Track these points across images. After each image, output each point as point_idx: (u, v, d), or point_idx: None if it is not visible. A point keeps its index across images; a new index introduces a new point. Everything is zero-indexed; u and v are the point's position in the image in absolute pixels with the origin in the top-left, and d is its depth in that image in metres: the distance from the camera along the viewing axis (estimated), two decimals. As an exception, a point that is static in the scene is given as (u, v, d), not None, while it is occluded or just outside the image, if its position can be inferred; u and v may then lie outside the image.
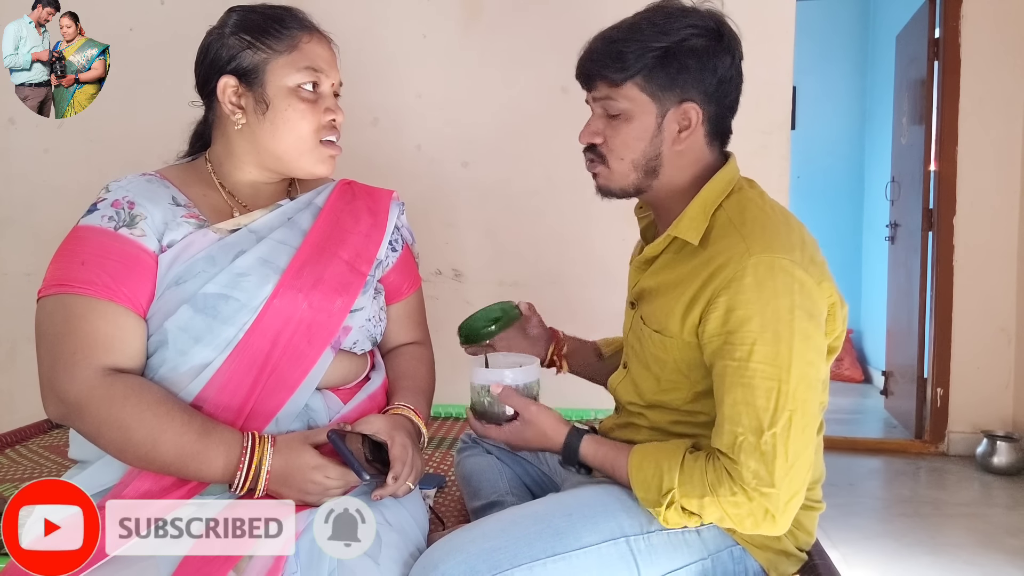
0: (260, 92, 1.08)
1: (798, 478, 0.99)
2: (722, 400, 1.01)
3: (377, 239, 1.19)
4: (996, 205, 3.41)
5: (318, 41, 1.12)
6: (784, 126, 2.14)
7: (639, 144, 1.07)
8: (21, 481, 1.49)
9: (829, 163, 5.24)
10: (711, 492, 0.99)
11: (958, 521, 2.75)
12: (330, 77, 1.12)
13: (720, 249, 1.02)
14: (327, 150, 1.13)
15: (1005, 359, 3.43)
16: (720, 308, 0.99)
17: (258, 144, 1.10)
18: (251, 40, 1.08)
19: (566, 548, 1.00)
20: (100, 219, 1.04)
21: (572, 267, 2.29)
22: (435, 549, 1.00)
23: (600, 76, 1.07)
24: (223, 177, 1.14)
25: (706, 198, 1.07)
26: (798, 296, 0.98)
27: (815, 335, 1.00)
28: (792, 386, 0.97)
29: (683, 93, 1.05)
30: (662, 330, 1.08)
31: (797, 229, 1.06)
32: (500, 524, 1.04)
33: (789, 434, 0.97)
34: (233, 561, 0.93)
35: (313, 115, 1.10)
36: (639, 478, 1.04)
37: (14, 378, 2.52)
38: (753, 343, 0.97)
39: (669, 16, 1.05)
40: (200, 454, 0.97)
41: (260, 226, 1.11)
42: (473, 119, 2.30)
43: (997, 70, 3.36)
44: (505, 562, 0.97)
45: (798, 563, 1.12)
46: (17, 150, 2.44)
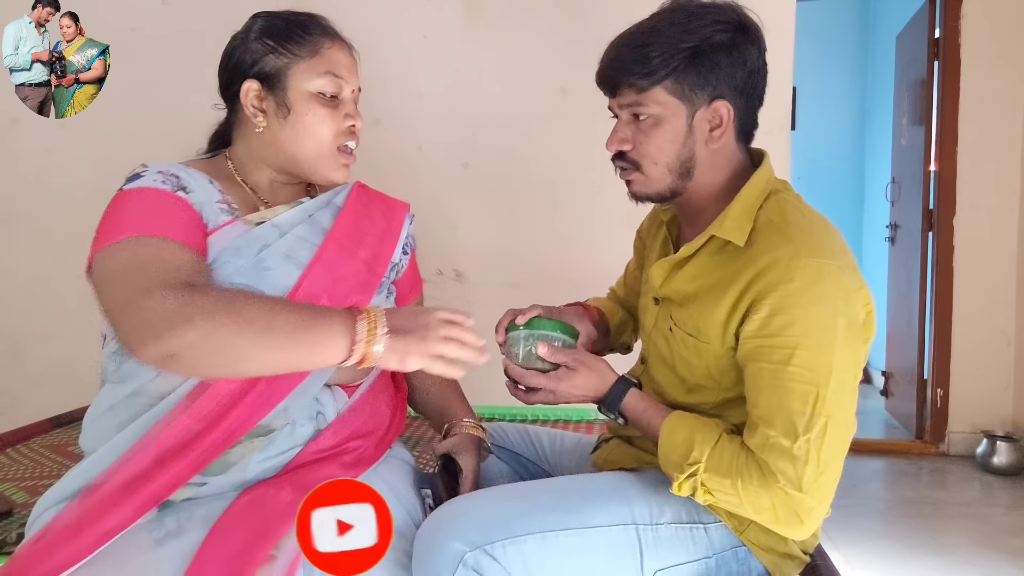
0: (282, 96, 1.10)
1: (827, 486, 0.97)
2: (756, 402, 0.99)
3: (391, 243, 1.22)
4: (996, 205, 3.42)
5: (340, 47, 1.14)
6: (784, 126, 2.14)
7: (672, 147, 1.06)
8: (21, 481, 1.48)
9: (829, 163, 5.25)
10: (738, 476, 0.98)
11: (959, 521, 2.75)
12: (350, 83, 1.14)
13: (764, 250, 1.00)
14: (343, 158, 1.14)
15: (1005, 360, 3.44)
16: (764, 310, 0.98)
17: (278, 147, 1.12)
18: (274, 45, 1.10)
19: (579, 524, 1.00)
20: (153, 181, 1.04)
21: (573, 267, 2.29)
22: (449, 508, 1.01)
23: (626, 82, 1.05)
24: (244, 177, 1.16)
25: (747, 199, 1.05)
26: (842, 303, 0.97)
27: (855, 343, 0.99)
28: (830, 392, 0.95)
29: (714, 91, 1.04)
30: (698, 334, 1.07)
31: (836, 234, 1.04)
32: (519, 491, 1.06)
33: (823, 442, 0.95)
34: (261, 559, 0.92)
35: (333, 120, 1.11)
36: (669, 439, 1.04)
37: (16, 377, 2.51)
38: (795, 347, 0.96)
39: (691, 15, 1.03)
40: (322, 314, 0.92)
41: (283, 221, 1.12)
42: (474, 120, 2.31)
43: (997, 70, 3.36)
44: (518, 528, 0.98)
45: (801, 565, 1.12)
46: (21, 150, 2.45)
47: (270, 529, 0.94)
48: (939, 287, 3.50)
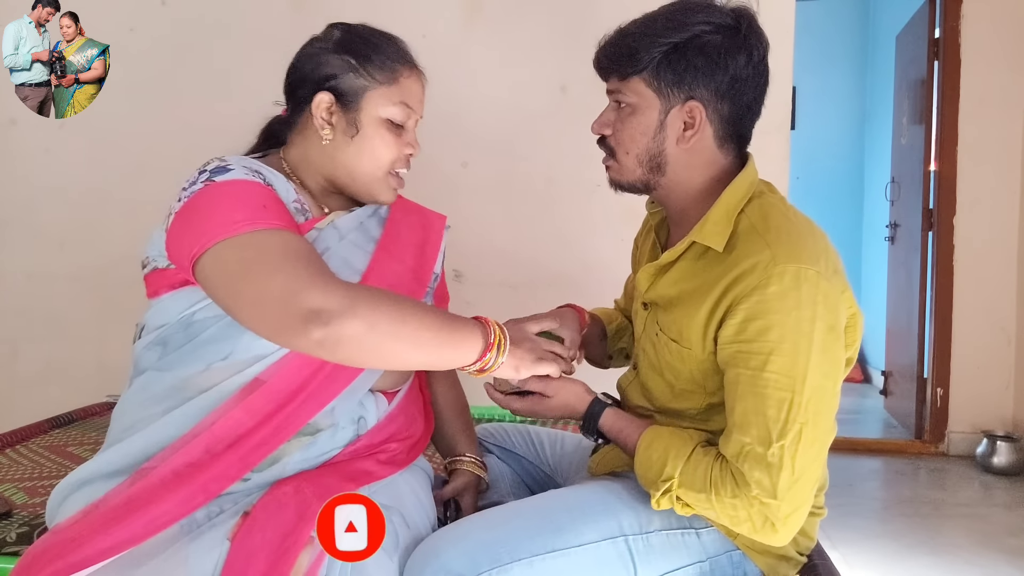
0: (354, 116, 1.10)
1: (802, 492, 0.97)
2: (732, 408, 0.99)
3: (432, 254, 1.24)
4: (996, 205, 3.42)
5: (416, 78, 1.15)
6: (784, 126, 2.14)
7: (642, 139, 1.07)
8: (21, 481, 1.48)
9: (829, 163, 5.25)
10: (712, 490, 0.98)
11: (958, 521, 2.75)
12: (417, 113, 1.15)
13: (743, 255, 1.00)
14: (394, 182, 1.16)
15: (1005, 359, 3.44)
16: (739, 315, 0.98)
17: (337, 162, 1.12)
18: (356, 64, 1.10)
19: (565, 544, 1.00)
20: (245, 174, 1.03)
21: (572, 267, 2.29)
22: (437, 537, 1.01)
23: (612, 69, 1.08)
24: (299, 179, 1.16)
25: (728, 203, 1.05)
26: (821, 308, 0.96)
27: (834, 348, 0.98)
28: (805, 398, 0.95)
29: (690, 91, 1.03)
30: (680, 340, 1.07)
31: (821, 237, 1.04)
32: (503, 516, 1.05)
33: (798, 448, 0.95)
34: (303, 542, 0.93)
35: (396, 148, 1.13)
36: (644, 456, 1.05)
37: (14, 378, 2.51)
38: (770, 353, 0.96)
39: (688, 10, 1.04)
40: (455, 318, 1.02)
41: (342, 224, 1.13)
42: (473, 119, 2.31)
43: (997, 70, 3.36)
44: (505, 555, 0.97)
45: (798, 566, 1.11)
46: (18, 150, 2.44)
47: (308, 512, 0.95)
48: (939, 286, 3.50)
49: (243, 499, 1.00)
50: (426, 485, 1.21)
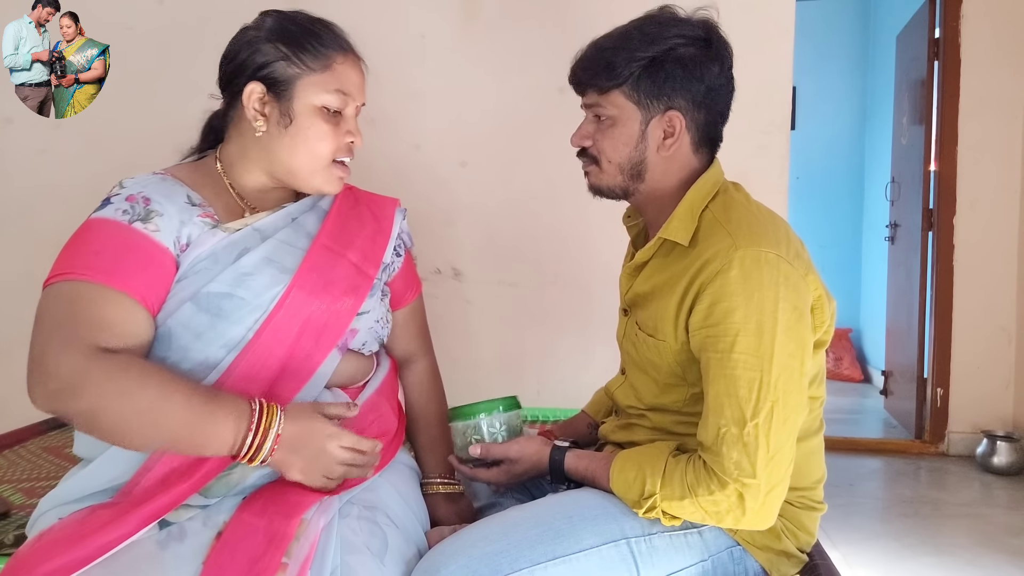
0: (286, 105, 1.08)
1: (779, 469, 0.99)
2: (707, 392, 1.02)
3: (382, 243, 1.20)
4: (996, 205, 3.41)
5: (352, 64, 1.12)
6: (784, 126, 2.14)
7: (625, 149, 1.10)
8: (19, 483, 1.48)
9: (829, 163, 5.25)
10: (690, 493, 1.00)
11: (958, 521, 2.75)
12: (356, 100, 1.12)
13: (707, 245, 1.04)
14: (339, 171, 1.13)
15: (1005, 359, 3.43)
16: (705, 300, 1.01)
17: (273, 154, 1.10)
18: (287, 52, 1.07)
19: (566, 551, 1.00)
20: (114, 212, 1.02)
21: (571, 266, 2.29)
22: (436, 552, 1.01)
23: (590, 84, 1.11)
24: (233, 179, 1.14)
25: (693, 200, 1.09)
26: (783, 288, 0.99)
27: (799, 327, 1.01)
28: (774, 377, 0.98)
29: (669, 101, 1.08)
30: (656, 334, 1.10)
31: (783, 227, 1.08)
32: (502, 527, 1.04)
33: (771, 425, 0.98)
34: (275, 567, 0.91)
35: (334, 137, 1.10)
36: (621, 480, 1.05)
37: (10, 380, 2.50)
38: (736, 334, 0.98)
39: (660, 25, 1.08)
40: (210, 416, 0.93)
41: (265, 225, 1.10)
42: (471, 119, 2.30)
43: (997, 70, 3.35)
44: (506, 566, 0.97)
45: (799, 564, 1.12)
46: (14, 150, 2.44)
47: (277, 535, 0.93)
48: (939, 286, 3.50)
49: (214, 516, 0.98)
50: (411, 482, 1.19)
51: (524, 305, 2.31)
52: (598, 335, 2.24)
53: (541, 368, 2.29)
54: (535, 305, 2.32)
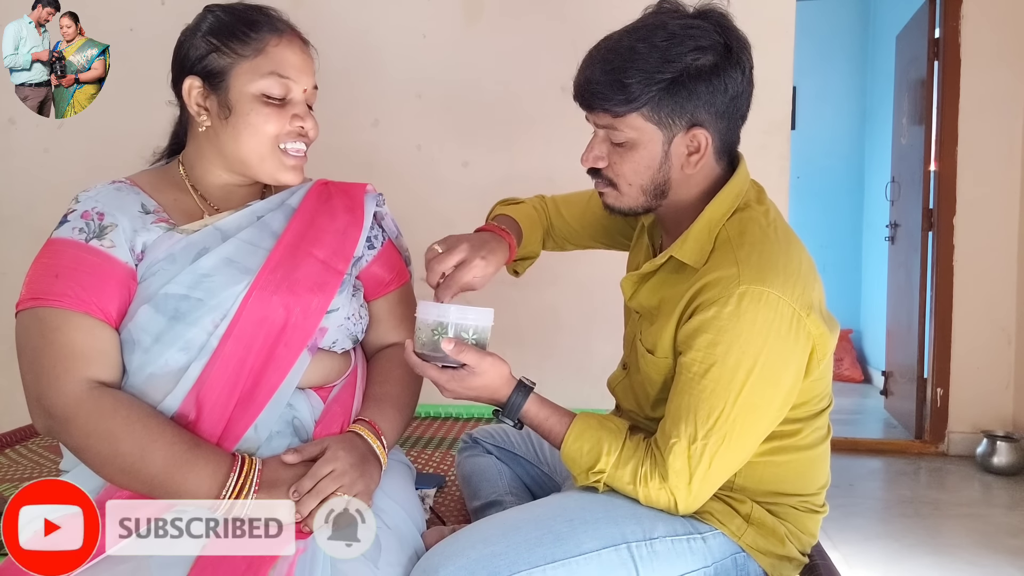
0: (224, 97, 1.07)
1: (710, 488, 1.03)
2: (671, 397, 1.04)
3: (355, 236, 1.16)
4: (996, 205, 3.41)
5: (288, 44, 1.08)
6: (784, 126, 2.14)
7: (648, 172, 1.04)
8: (21, 481, 1.49)
9: (829, 163, 5.24)
10: (640, 483, 1.03)
11: (958, 521, 2.75)
12: (300, 83, 1.09)
13: (712, 267, 1.01)
14: (289, 158, 1.10)
15: (1005, 359, 3.43)
16: (694, 323, 1.00)
17: (222, 147, 1.09)
18: (218, 43, 1.07)
19: (566, 554, 0.99)
20: (71, 231, 1.04)
21: (571, 266, 2.29)
22: (434, 553, 1.00)
23: (601, 106, 1.02)
24: (195, 180, 1.13)
25: (711, 218, 1.04)
26: (772, 338, 0.97)
27: (778, 375, 0.99)
28: (735, 414, 0.98)
29: (692, 118, 1.01)
30: (654, 351, 1.08)
31: (796, 256, 1.02)
32: (501, 528, 1.03)
33: (718, 450, 0.99)
34: (268, 565, 0.91)
35: (277, 121, 1.07)
36: (575, 448, 1.06)
37: (14, 378, 2.51)
38: (712, 364, 0.98)
39: (671, 37, 0.98)
40: (189, 463, 0.96)
41: (227, 225, 1.09)
42: (473, 119, 2.31)
43: (997, 70, 3.35)
44: (504, 568, 0.97)
45: (799, 566, 1.12)
46: (17, 150, 2.44)
47: (256, 559, 0.93)
48: (939, 286, 3.50)
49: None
50: (400, 479, 1.17)
51: (525, 305, 2.31)
52: (598, 335, 2.24)
53: (541, 368, 2.29)
54: (535, 305, 2.32)
